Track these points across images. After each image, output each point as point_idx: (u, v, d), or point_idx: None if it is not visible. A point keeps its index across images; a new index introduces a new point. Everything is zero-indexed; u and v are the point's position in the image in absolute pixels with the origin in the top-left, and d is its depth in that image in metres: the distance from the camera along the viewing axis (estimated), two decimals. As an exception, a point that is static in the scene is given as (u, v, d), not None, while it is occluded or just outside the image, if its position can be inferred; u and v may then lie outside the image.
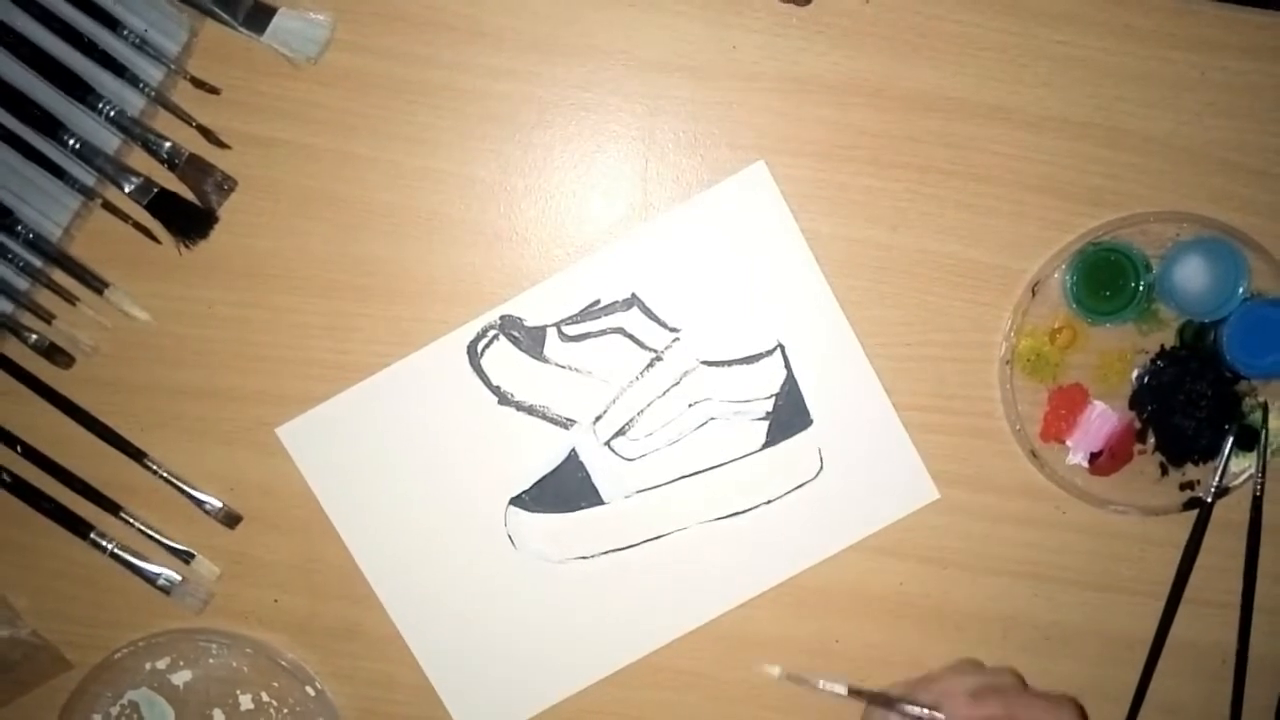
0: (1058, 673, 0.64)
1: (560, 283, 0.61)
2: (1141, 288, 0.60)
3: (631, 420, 0.61)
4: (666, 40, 0.60)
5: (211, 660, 0.63)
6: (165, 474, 0.62)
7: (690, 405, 0.61)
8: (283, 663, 0.63)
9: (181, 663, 0.63)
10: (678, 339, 0.61)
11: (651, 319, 0.61)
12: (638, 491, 0.62)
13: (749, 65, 0.60)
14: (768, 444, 0.61)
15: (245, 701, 0.63)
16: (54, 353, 0.61)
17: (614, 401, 0.61)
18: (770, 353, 0.61)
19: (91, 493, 0.62)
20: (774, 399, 0.61)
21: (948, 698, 0.52)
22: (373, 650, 0.63)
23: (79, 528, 0.62)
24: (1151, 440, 0.62)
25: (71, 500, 0.62)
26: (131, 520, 0.62)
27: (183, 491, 0.62)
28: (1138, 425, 0.61)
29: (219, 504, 0.62)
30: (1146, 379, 0.61)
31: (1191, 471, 0.62)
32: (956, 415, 0.62)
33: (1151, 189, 0.60)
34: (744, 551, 0.62)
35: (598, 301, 0.61)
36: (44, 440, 0.62)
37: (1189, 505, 0.62)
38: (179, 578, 0.62)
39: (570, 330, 0.61)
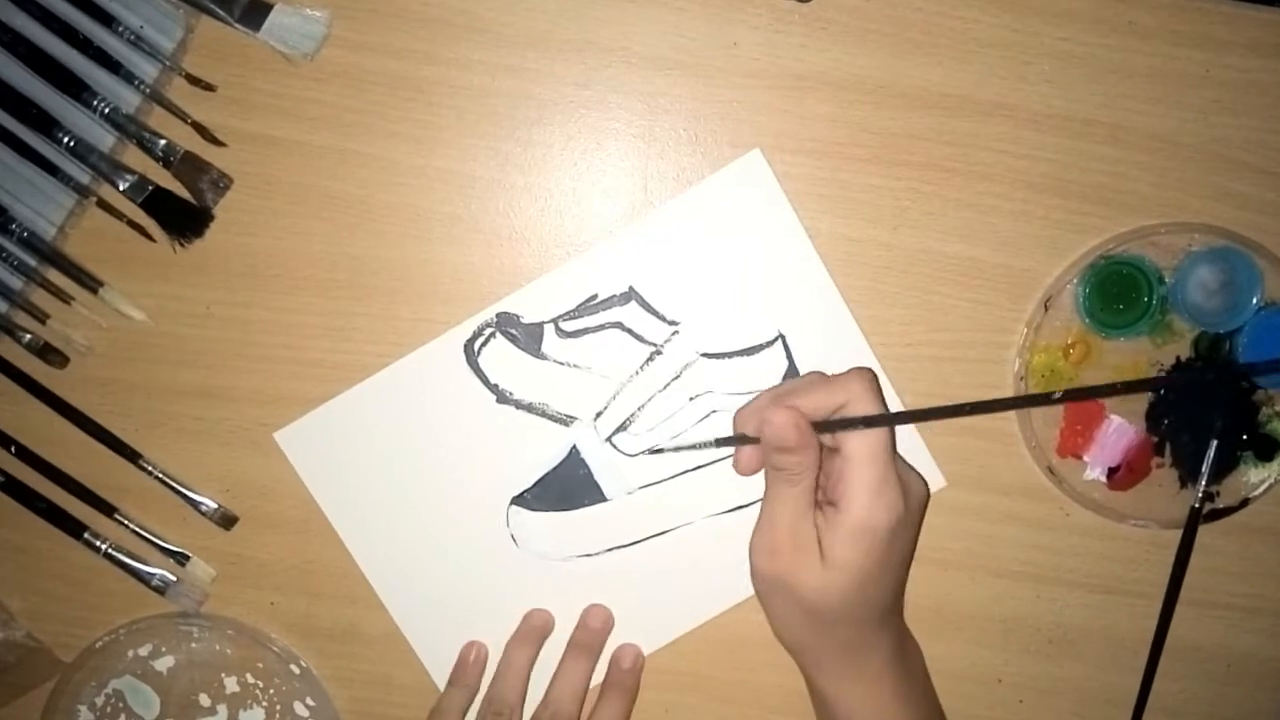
0: (1061, 675, 0.64)
1: (556, 278, 0.60)
2: (1155, 300, 0.59)
3: (632, 415, 0.61)
4: (667, 37, 0.59)
5: (194, 644, 0.63)
6: (160, 475, 0.61)
7: (691, 399, 0.61)
8: (265, 643, 0.62)
9: (164, 648, 0.63)
10: (677, 332, 0.60)
11: (650, 312, 0.60)
12: (640, 487, 0.61)
13: (750, 62, 0.59)
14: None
15: (230, 684, 0.63)
16: (48, 352, 0.60)
17: (614, 397, 0.61)
18: (771, 343, 0.61)
19: (86, 494, 0.61)
20: (776, 391, 0.61)
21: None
22: (371, 652, 0.63)
23: (73, 528, 0.61)
24: (1169, 453, 0.61)
25: (66, 501, 0.61)
26: (126, 521, 0.62)
27: (178, 493, 0.61)
28: (1155, 438, 0.61)
29: (215, 505, 0.62)
30: (1162, 391, 0.61)
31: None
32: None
33: (1155, 187, 0.60)
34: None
35: (595, 296, 0.60)
36: (38, 441, 0.61)
37: (1209, 517, 0.61)
38: (174, 579, 0.62)
39: (568, 326, 0.60)
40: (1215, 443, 0.60)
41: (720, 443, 0.56)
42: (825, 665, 0.54)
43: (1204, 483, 0.61)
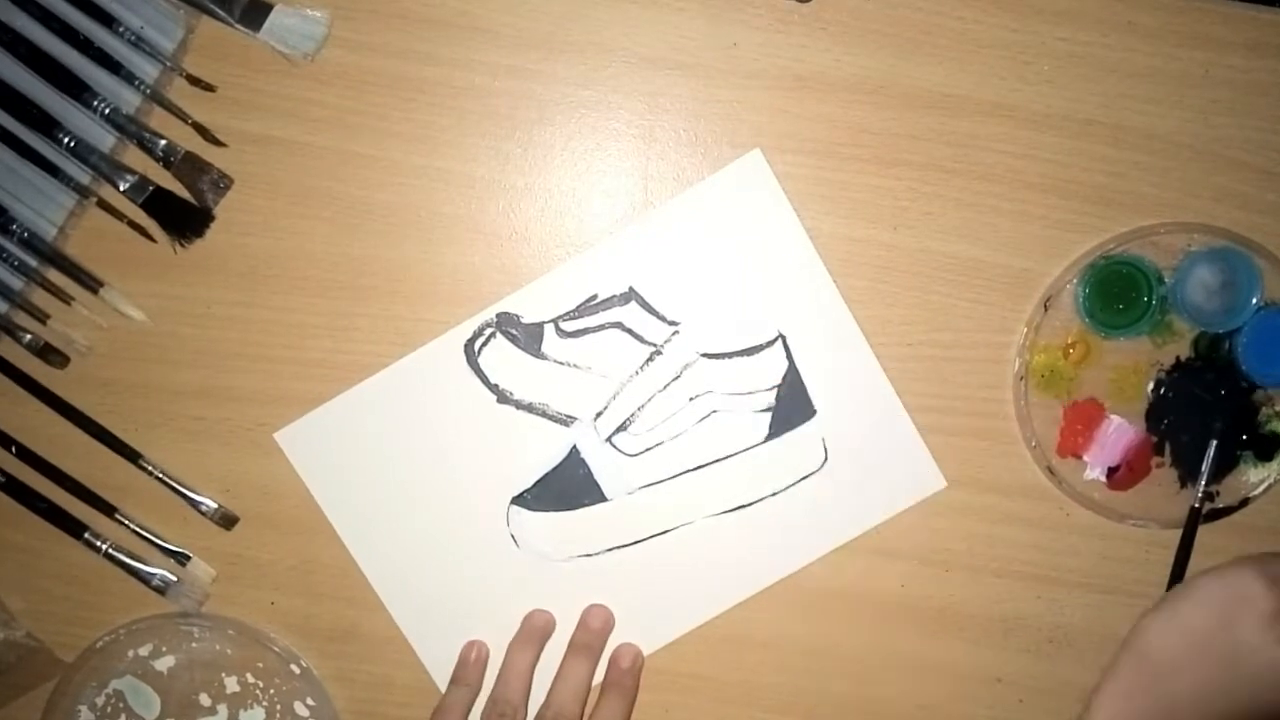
0: (1060, 675, 0.64)
1: (556, 278, 0.60)
2: (1154, 300, 0.59)
3: (633, 415, 0.61)
4: (667, 37, 0.59)
5: (194, 644, 0.63)
6: (161, 475, 0.61)
7: (691, 399, 0.61)
8: (265, 643, 0.62)
9: (164, 648, 0.63)
10: (677, 332, 0.60)
11: (650, 312, 0.60)
12: (641, 487, 0.61)
13: (750, 62, 0.59)
14: (771, 436, 0.61)
15: (231, 684, 0.63)
16: (49, 353, 0.60)
17: (614, 397, 0.61)
18: (771, 343, 0.61)
19: (86, 494, 0.61)
20: (776, 390, 0.61)
21: None
22: (371, 652, 0.63)
23: (74, 528, 0.61)
24: (1169, 453, 0.61)
25: (66, 501, 0.61)
26: (126, 521, 0.62)
27: (179, 493, 0.61)
28: (1155, 438, 0.61)
29: (215, 505, 0.62)
30: (1162, 391, 0.61)
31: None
32: (959, 415, 0.62)
33: (1155, 187, 0.60)
34: (751, 545, 0.62)
35: (595, 296, 0.60)
36: (38, 441, 0.61)
37: (1208, 517, 0.62)
38: (174, 578, 0.62)
39: (568, 326, 0.60)
40: (1215, 443, 0.61)
41: None
42: None
43: (1204, 482, 0.61)
